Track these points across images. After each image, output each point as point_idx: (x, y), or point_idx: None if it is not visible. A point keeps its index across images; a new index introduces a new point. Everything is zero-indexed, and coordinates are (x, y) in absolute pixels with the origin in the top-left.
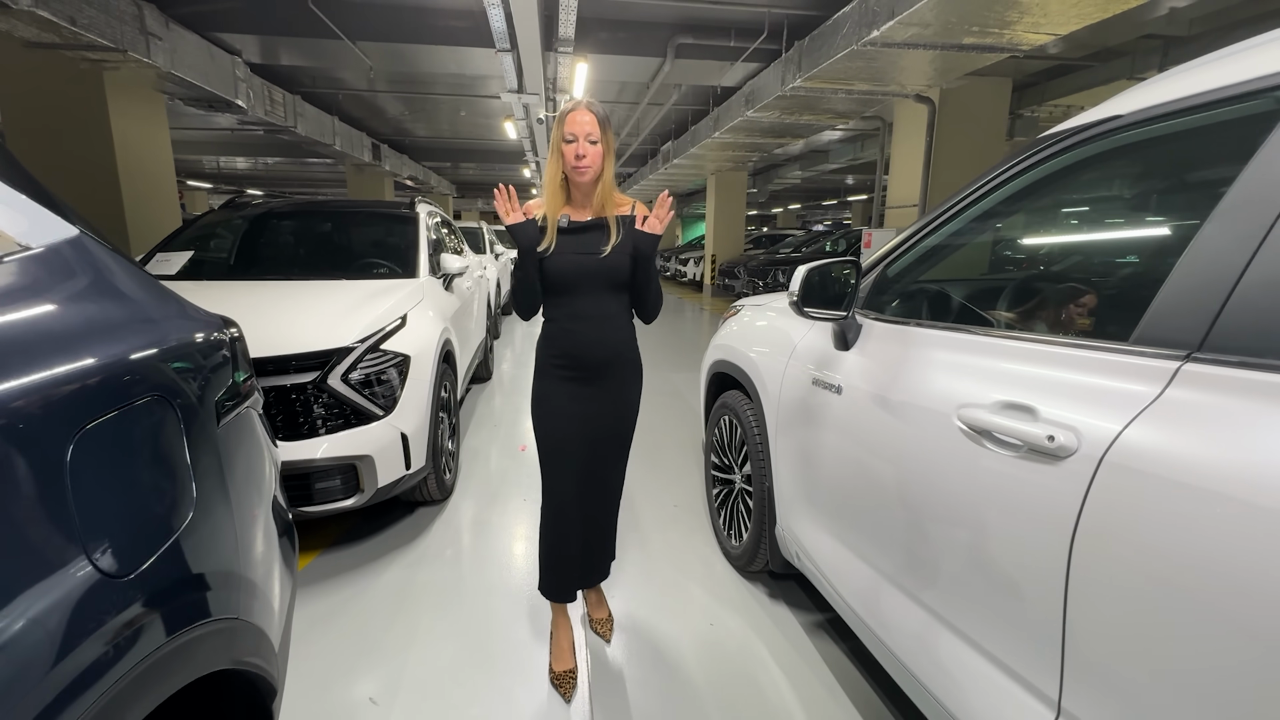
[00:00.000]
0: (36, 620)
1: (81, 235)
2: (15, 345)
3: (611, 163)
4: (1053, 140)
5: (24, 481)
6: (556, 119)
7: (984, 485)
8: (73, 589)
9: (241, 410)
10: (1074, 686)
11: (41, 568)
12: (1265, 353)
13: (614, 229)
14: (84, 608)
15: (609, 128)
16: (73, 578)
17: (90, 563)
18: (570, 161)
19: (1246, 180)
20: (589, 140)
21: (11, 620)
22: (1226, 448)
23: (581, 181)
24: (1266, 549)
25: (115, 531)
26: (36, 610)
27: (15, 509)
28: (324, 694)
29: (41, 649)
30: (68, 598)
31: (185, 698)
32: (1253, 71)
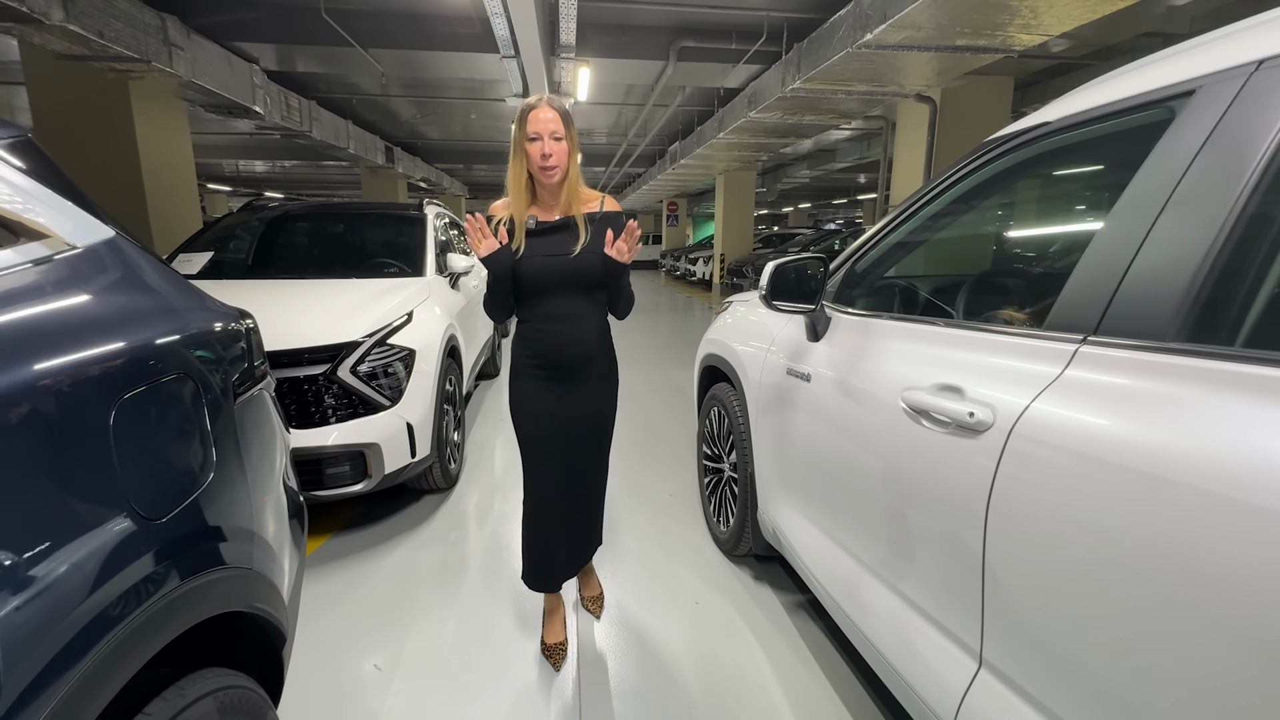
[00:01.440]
0: (90, 549)
1: (116, 236)
2: (68, 329)
3: (576, 159)
4: (993, 145)
5: (79, 439)
6: (517, 118)
7: (920, 460)
8: (116, 526)
9: (255, 391)
10: (992, 637)
11: (93, 507)
12: (1148, 335)
13: (582, 228)
14: (125, 541)
15: (571, 123)
16: (116, 516)
17: (129, 506)
18: (536, 161)
19: (1137, 182)
20: (553, 138)
21: (72, 548)
22: (1113, 418)
23: (550, 182)
24: (1142, 505)
25: (149, 483)
26: (91, 542)
27: (74, 460)
28: (332, 662)
29: (92, 573)
30: (112, 533)
31: (212, 641)
32: (1151, 84)
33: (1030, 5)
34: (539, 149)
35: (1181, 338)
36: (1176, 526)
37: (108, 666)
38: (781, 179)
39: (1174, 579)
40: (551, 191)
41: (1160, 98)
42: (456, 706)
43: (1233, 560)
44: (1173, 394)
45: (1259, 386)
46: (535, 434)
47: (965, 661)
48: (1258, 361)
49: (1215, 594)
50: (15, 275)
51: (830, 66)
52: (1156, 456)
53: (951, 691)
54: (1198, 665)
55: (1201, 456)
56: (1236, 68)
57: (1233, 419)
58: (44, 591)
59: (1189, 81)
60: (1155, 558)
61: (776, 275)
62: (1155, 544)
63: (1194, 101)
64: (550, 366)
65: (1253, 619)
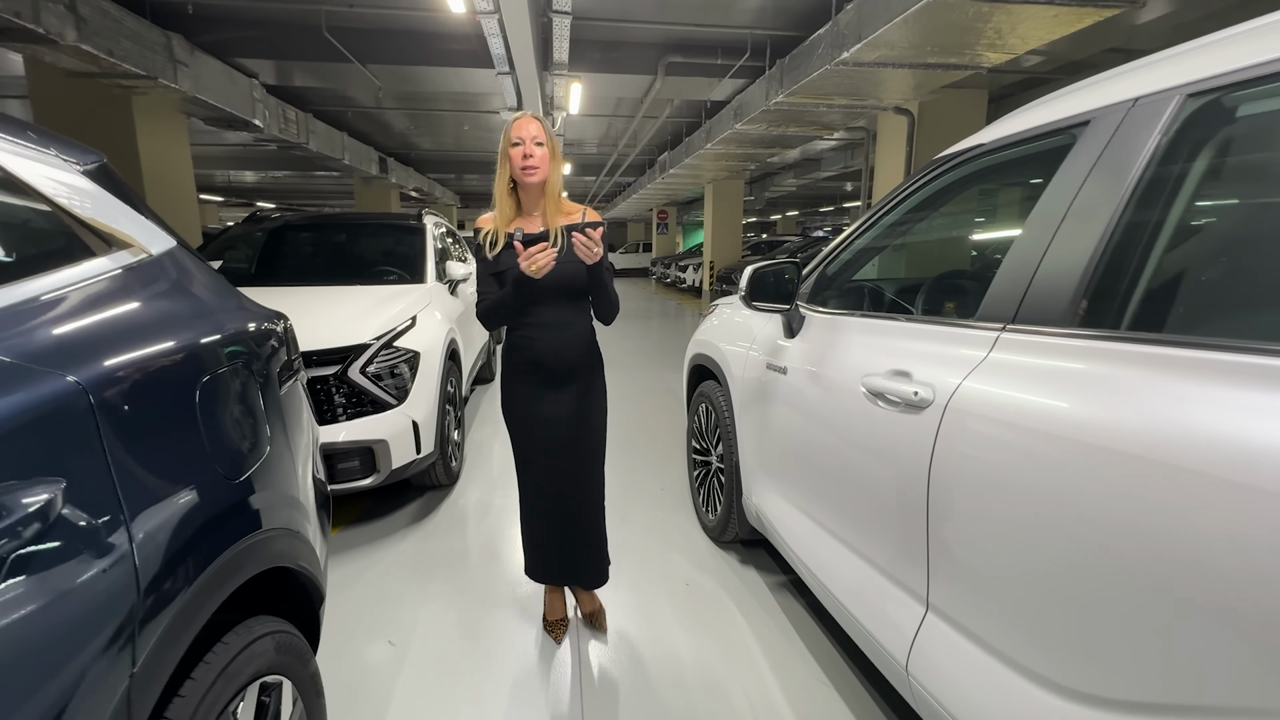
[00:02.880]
0: (196, 497)
1: (176, 245)
2: (159, 322)
3: (559, 171)
4: (941, 162)
5: (180, 409)
6: (503, 132)
7: (875, 435)
8: (209, 479)
9: (293, 382)
10: (936, 583)
11: (194, 464)
12: (1052, 322)
13: (557, 238)
14: (216, 494)
15: (554, 135)
16: (209, 473)
17: (215, 466)
18: (518, 163)
19: (1046, 195)
20: (535, 142)
21: (185, 494)
22: (1025, 391)
23: (530, 183)
24: (1049, 461)
25: (226, 449)
26: (196, 490)
27: (178, 425)
28: (349, 639)
29: (201, 514)
30: (207, 485)
31: (267, 594)
32: (1062, 113)
33: (995, 27)
34: (520, 152)
35: (1077, 324)
36: (1077, 478)
37: (208, 590)
38: (769, 187)
39: (1076, 524)
40: (534, 199)
41: (1066, 125)
42: (466, 677)
43: (1120, 503)
44: (1071, 369)
45: (1139, 361)
46: (527, 436)
47: (915, 607)
48: (1137, 341)
49: (1107, 534)
50: (113, 279)
51: (811, 82)
52: (1060, 420)
53: (905, 633)
54: (1091, 591)
55: (1095, 418)
56: (1120, 103)
57: (1118, 387)
58: (175, 526)
59: (1087, 113)
60: (1062, 506)
61: (755, 278)
62: (1062, 494)
63: (1089, 129)
64: (540, 372)
65: (1132, 549)
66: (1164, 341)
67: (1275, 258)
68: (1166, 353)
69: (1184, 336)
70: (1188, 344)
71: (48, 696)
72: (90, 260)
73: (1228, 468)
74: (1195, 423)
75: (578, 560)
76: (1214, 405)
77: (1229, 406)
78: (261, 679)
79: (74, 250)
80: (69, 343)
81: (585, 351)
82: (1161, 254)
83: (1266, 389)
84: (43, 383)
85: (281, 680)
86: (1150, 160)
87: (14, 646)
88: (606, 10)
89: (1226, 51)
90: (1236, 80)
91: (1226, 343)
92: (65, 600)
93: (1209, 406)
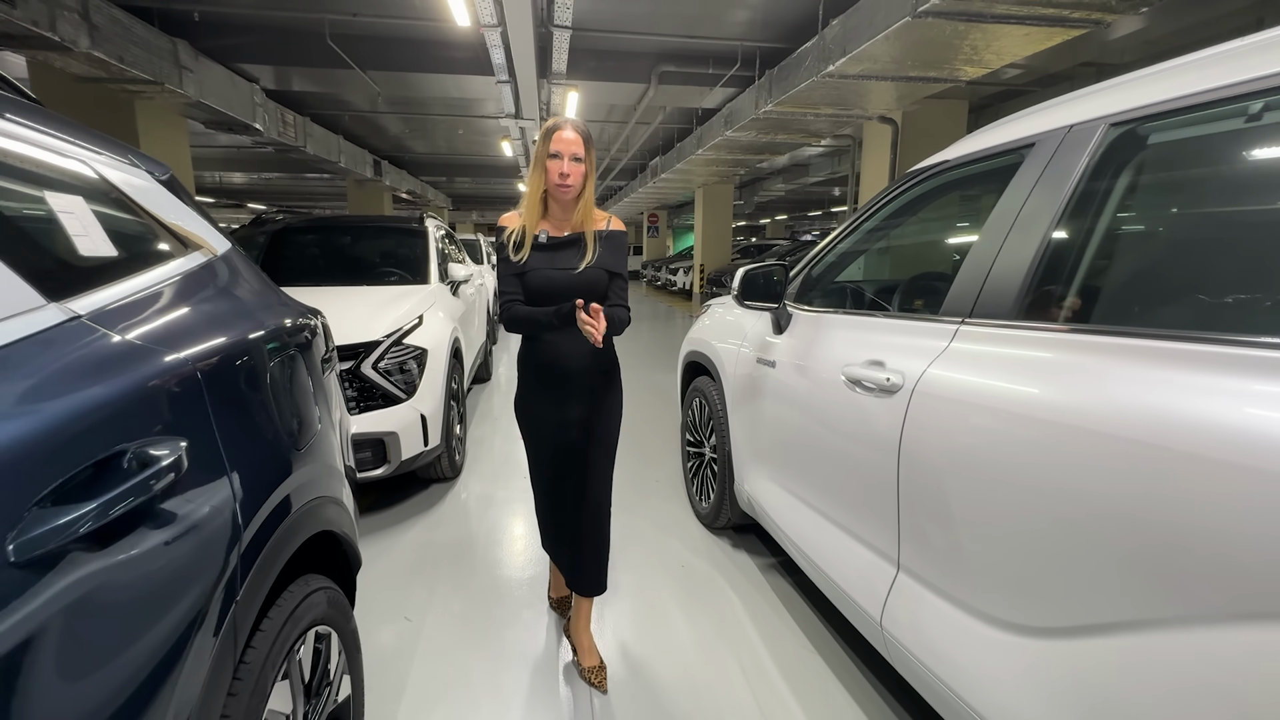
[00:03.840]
0: (278, 457)
1: (232, 247)
2: (235, 312)
3: (593, 181)
4: (912, 175)
5: (259, 387)
6: (541, 134)
7: (853, 418)
8: (285, 444)
9: (331, 370)
10: (905, 546)
11: (274, 431)
12: (1001, 316)
13: (591, 245)
14: (288, 457)
15: (592, 147)
16: (284, 439)
17: (286, 435)
18: (554, 179)
19: (998, 207)
20: (573, 158)
21: (262, 457)
22: (979, 375)
23: (564, 199)
24: (1000, 434)
25: (291, 421)
26: (280, 451)
27: (258, 401)
28: (369, 614)
29: (271, 477)
30: (284, 448)
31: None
32: (1013, 135)
33: (971, 44)
34: (558, 166)
35: (1021, 317)
36: (1020, 448)
37: (284, 540)
38: (758, 192)
39: (1018, 486)
40: (565, 208)
41: (1016, 146)
42: (477, 647)
43: (1056, 468)
44: (1015, 356)
45: (1073, 347)
46: (543, 442)
47: (887, 568)
48: (1071, 332)
49: (1041, 493)
50: (194, 275)
51: (799, 92)
52: (1006, 398)
53: (879, 593)
54: (1035, 545)
55: (1034, 397)
56: (1059, 128)
57: (1055, 371)
58: (262, 483)
59: (1032, 136)
60: (1012, 474)
61: (746, 278)
62: (1011, 464)
63: (1034, 151)
64: (556, 377)
65: (1060, 503)
66: (1091, 330)
67: (1179, 260)
68: (1093, 340)
69: (1108, 326)
70: (1110, 332)
71: (182, 610)
72: (176, 259)
73: (1137, 431)
74: (1114, 396)
75: (578, 563)
76: (1130, 382)
77: (1142, 382)
78: (315, 628)
79: (164, 251)
80: (175, 329)
81: (603, 357)
82: (1090, 257)
83: (1172, 367)
84: (165, 361)
85: (330, 632)
86: (1081, 178)
87: (161, 567)
88: (602, 21)
89: (1141, 88)
90: (1147, 113)
91: (1141, 330)
92: (194, 533)
93: (1126, 383)
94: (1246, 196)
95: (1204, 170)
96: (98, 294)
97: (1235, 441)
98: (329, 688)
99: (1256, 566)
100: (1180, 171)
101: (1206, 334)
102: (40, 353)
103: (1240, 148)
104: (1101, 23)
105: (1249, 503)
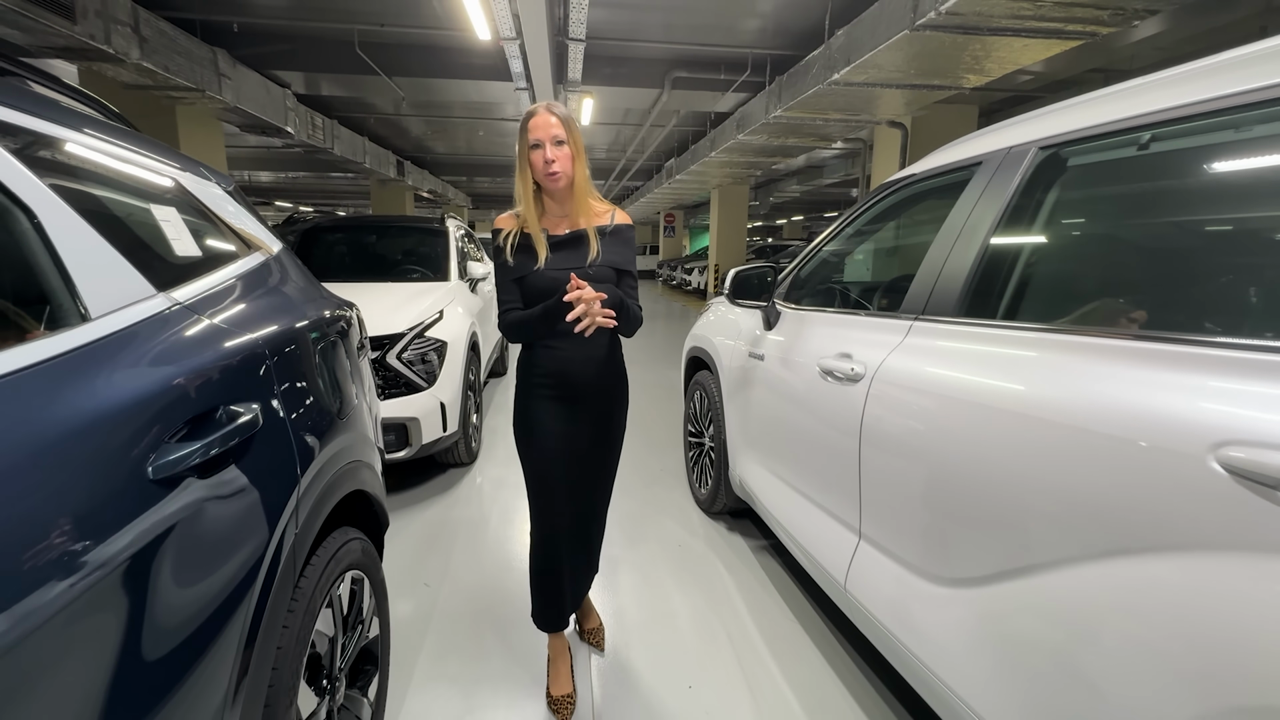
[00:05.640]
0: (330, 421)
1: (284, 248)
2: (290, 302)
3: (583, 164)
4: (886, 187)
5: (310, 364)
6: (519, 128)
7: (824, 405)
8: (334, 411)
9: (364, 354)
10: (866, 517)
11: (320, 400)
12: (947, 313)
13: (593, 241)
14: (337, 422)
15: (575, 128)
16: (333, 406)
17: (331, 406)
18: (540, 169)
19: (950, 218)
20: (555, 142)
21: (314, 421)
22: (927, 365)
23: (556, 189)
24: (944, 416)
25: (337, 393)
26: (322, 420)
27: (310, 375)
28: (392, 580)
29: (322, 437)
30: (333, 414)
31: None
32: (967, 153)
33: (972, 54)
34: (541, 156)
35: (963, 314)
36: (964, 428)
37: (331, 490)
38: (773, 193)
39: (952, 460)
40: (560, 201)
41: (968, 163)
42: (488, 611)
43: (978, 443)
44: (958, 348)
45: (1006, 341)
46: (544, 457)
47: (851, 538)
48: (1004, 328)
49: (971, 465)
50: (257, 271)
51: (807, 98)
52: (951, 385)
53: (844, 558)
54: (959, 508)
55: (973, 385)
56: (1001, 149)
57: (991, 361)
58: (315, 442)
59: (980, 155)
60: (956, 451)
61: (737, 279)
62: (954, 442)
63: (980, 168)
64: (561, 386)
65: (988, 470)
66: (1018, 327)
67: (1094, 265)
68: (1020, 335)
69: (1032, 323)
70: (1034, 329)
71: (258, 531)
72: (242, 258)
73: (1043, 411)
74: (1037, 382)
75: (580, 581)
76: (1052, 369)
77: (1060, 370)
78: (351, 571)
79: (232, 251)
80: (246, 315)
81: (610, 364)
82: (1021, 261)
83: (1087, 359)
84: (242, 340)
85: (363, 577)
86: (1014, 193)
87: (244, 496)
88: (617, 30)
89: (1064, 117)
90: (1066, 139)
91: (1060, 326)
92: (267, 475)
93: (1048, 370)
94: (1141, 210)
95: (1110, 188)
96: (190, 286)
97: (1119, 418)
98: (362, 624)
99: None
100: (1091, 189)
101: (1110, 329)
102: (159, 330)
103: (1134, 170)
104: (1096, 35)
105: (1102, 465)
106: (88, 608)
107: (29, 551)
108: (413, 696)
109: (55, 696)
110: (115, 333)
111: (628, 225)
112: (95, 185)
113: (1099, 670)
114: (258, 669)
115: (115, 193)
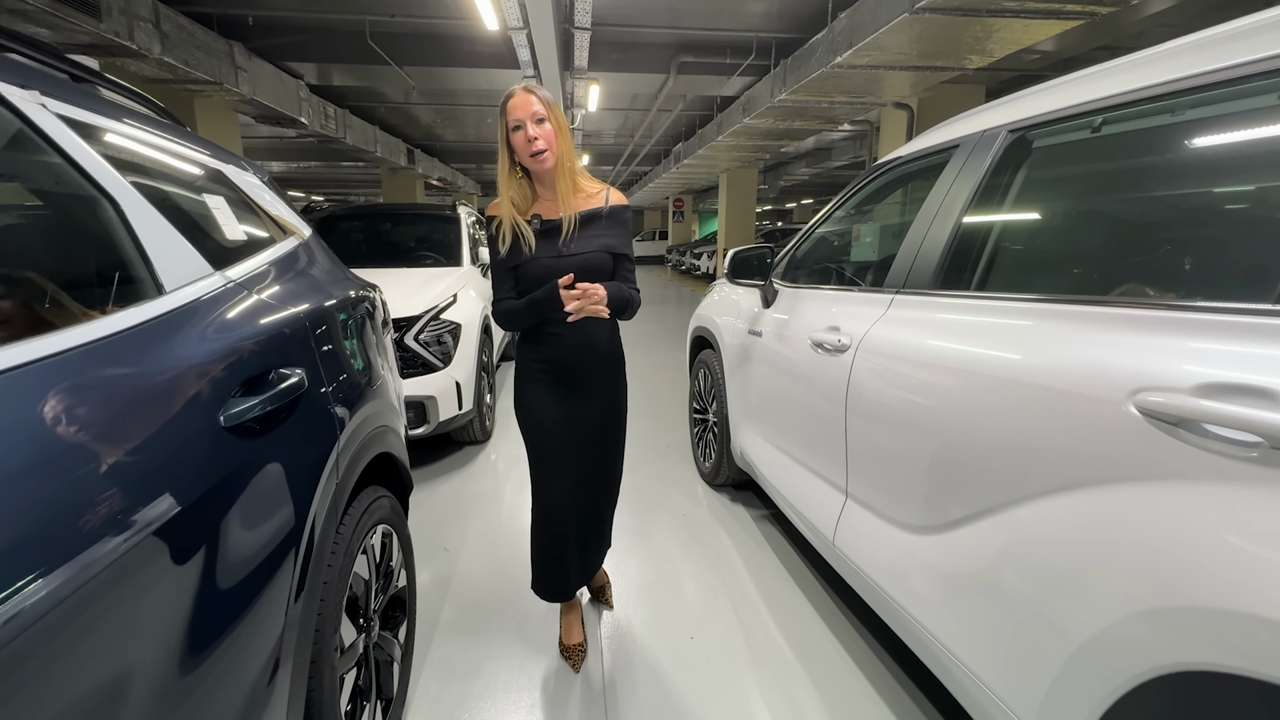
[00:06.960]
0: (363, 388)
1: (314, 233)
2: (323, 281)
3: (569, 144)
4: (872, 171)
5: (343, 336)
6: (499, 113)
7: (815, 375)
8: (367, 379)
9: (388, 331)
10: (852, 477)
11: (353, 368)
12: (925, 286)
13: (568, 227)
14: (369, 389)
15: (555, 106)
16: (367, 375)
17: (362, 375)
18: (524, 150)
19: (929, 198)
20: (535, 120)
21: (349, 386)
22: (906, 334)
23: (543, 170)
24: (921, 381)
25: (367, 365)
26: (355, 387)
27: (344, 346)
28: (414, 545)
29: (355, 401)
30: (365, 382)
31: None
32: (946, 136)
33: (973, 35)
34: (523, 136)
35: (939, 287)
36: (936, 390)
37: (365, 449)
38: (782, 176)
39: (935, 422)
40: (548, 184)
41: (946, 146)
42: (504, 573)
43: (959, 403)
44: (934, 318)
45: (974, 309)
46: (546, 441)
47: (838, 497)
48: (974, 298)
49: (954, 424)
50: (293, 254)
51: (811, 81)
52: (928, 351)
53: (832, 515)
54: (928, 462)
55: (944, 350)
56: (975, 133)
57: (960, 329)
58: (351, 404)
59: (958, 138)
60: (928, 411)
61: (736, 259)
62: (927, 403)
63: (957, 151)
64: (559, 370)
65: (963, 430)
66: (986, 297)
67: (1056, 240)
68: (987, 304)
69: (998, 293)
70: (998, 298)
71: (308, 478)
72: (279, 242)
73: (1005, 369)
74: (995, 345)
75: (589, 561)
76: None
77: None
78: (381, 526)
79: (270, 236)
80: (288, 292)
81: (608, 348)
82: (989, 239)
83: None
84: (287, 314)
85: (392, 532)
86: (986, 174)
87: (297, 448)
88: (622, 16)
89: (1030, 102)
90: (1031, 123)
91: (1018, 296)
92: (313, 432)
93: (1006, 335)
94: (1092, 189)
95: (1067, 168)
96: (240, 266)
97: (1058, 372)
98: (391, 574)
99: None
100: (1052, 169)
101: (1056, 295)
102: (220, 303)
103: (1088, 151)
104: (1096, 15)
105: (1043, 414)
106: (184, 531)
107: (144, 479)
108: (437, 645)
109: (157, 603)
110: (186, 304)
111: (624, 206)
112: (159, 178)
113: (1046, 593)
114: (309, 598)
115: (174, 184)
